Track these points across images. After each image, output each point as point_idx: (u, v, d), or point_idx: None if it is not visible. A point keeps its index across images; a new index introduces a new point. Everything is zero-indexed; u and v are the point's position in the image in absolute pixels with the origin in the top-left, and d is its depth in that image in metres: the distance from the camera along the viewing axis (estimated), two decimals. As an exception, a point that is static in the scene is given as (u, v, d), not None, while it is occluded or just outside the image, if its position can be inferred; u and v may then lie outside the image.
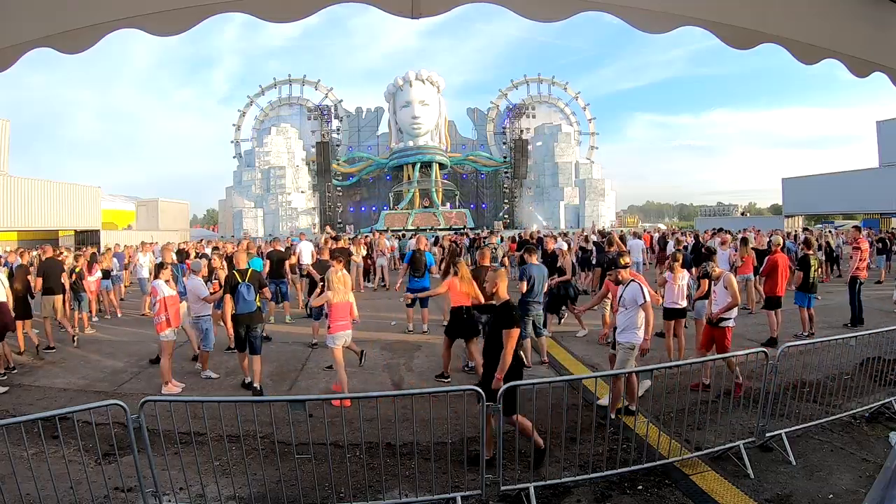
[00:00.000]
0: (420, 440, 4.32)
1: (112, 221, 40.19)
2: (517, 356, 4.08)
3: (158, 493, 3.36)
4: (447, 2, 2.24)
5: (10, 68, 2.25)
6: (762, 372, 4.21)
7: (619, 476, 3.87)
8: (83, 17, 2.13)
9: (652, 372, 4.14)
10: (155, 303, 6.34)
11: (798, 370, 5.08)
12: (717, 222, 40.20)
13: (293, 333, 8.85)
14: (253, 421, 4.23)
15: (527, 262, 6.89)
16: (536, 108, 48.71)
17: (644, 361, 6.79)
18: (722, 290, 5.86)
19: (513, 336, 3.96)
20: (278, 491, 3.65)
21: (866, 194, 35.54)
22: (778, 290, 7.89)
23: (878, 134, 37.35)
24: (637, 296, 5.03)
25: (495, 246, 13.37)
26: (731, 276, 5.97)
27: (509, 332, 3.96)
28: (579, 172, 45.91)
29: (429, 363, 7.12)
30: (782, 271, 7.98)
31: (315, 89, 47.17)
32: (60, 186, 30.41)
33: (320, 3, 2.18)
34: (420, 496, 3.64)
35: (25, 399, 5.98)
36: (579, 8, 2.28)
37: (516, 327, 4.00)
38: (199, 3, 2.12)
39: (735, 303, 5.73)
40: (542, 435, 4.46)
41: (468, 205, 46.87)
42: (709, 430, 4.46)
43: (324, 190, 45.40)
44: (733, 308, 5.71)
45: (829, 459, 4.12)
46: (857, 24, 2.36)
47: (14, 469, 3.23)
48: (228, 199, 45.25)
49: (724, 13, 2.36)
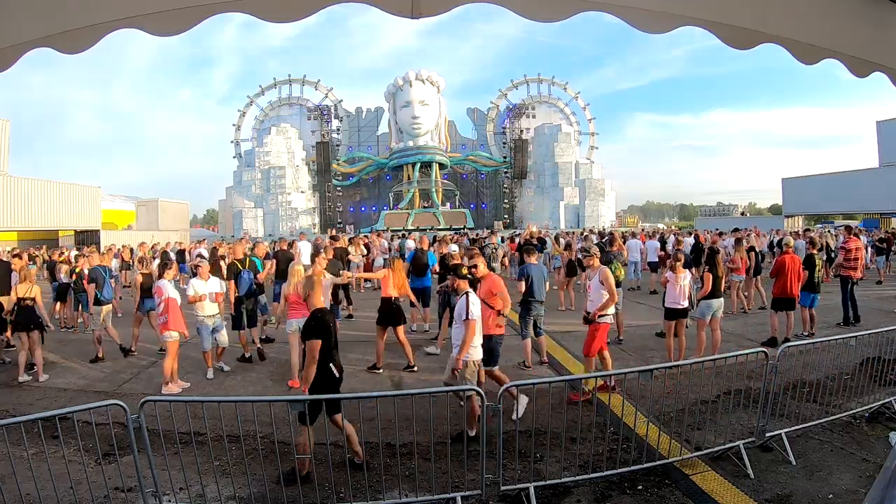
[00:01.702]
0: (420, 440, 4.32)
1: (112, 221, 40.21)
2: (325, 367, 3.83)
3: (158, 493, 3.36)
4: (447, 2, 2.25)
5: (10, 68, 2.25)
6: (762, 372, 4.21)
7: (619, 476, 3.87)
8: (83, 17, 2.13)
9: (652, 372, 4.12)
10: (160, 302, 6.34)
11: (798, 370, 5.08)
12: (717, 222, 40.25)
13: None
14: (253, 421, 4.23)
15: (526, 262, 6.90)
16: (536, 108, 48.78)
17: (644, 361, 6.82)
18: (597, 285, 5.68)
19: (312, 347, 3.74)
20: (278, 491, 3.65)
21: (866, 194, 35.58)
22: (790, 291, 7.61)
23: (878, 134, 37.42)
24: (462, 310, 4.60)
25: (496, 246, 13.34)
26: (607, 270, 5.77)
27: (309, 343, 3.76)
28: (579, 172, 45.94)
29: (429, 363, 7.12)
30: (791, 272, 7.65)
31: (315, 89, 47.23)
32: (60, 186, 30.44)
33: (320, 3, 2.18)
34: (420, 496, 3.64)
35: (25, 399, 5.98)
36: (579, 8, 2.29)
37: (315, 339, 3.75)
38: (199, 3, 2.13)
39: (613, 299, 5.60)
40: (541, 435, 4.47)
41: (468, 205, 46.90)
42: (709, 430, 4.46)
43: (324, 190, 45.43)
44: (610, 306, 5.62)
45: (829, 459, 4.12)
46: (857, 24, 2.36)
47: (14, 469, 3.22)
48: (228, 199, 45.29)
49: (724, 13, 2.36)
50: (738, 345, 7.38)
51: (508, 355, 7.15)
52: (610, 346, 7.66)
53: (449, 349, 5.22)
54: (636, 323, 9.09)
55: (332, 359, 3.88)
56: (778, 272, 7.84)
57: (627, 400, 4.23)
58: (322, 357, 3.78)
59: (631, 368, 5.55)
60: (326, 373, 3.84)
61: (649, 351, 7.44)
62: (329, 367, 3.84)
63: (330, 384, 3.89)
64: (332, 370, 3.85)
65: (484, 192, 50.34)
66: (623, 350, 7.56)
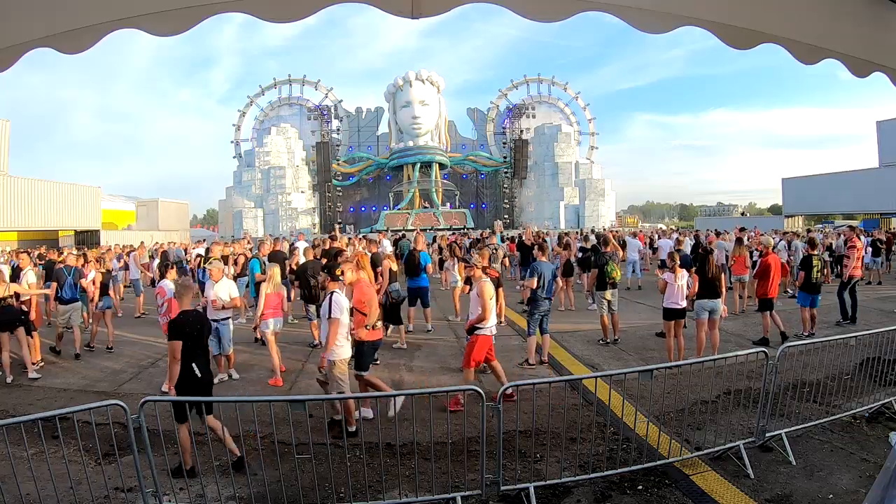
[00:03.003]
0: (420, 440, 4.32)
1: (112, 221, 40.24)
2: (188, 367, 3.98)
3: (158, 493, 3.36)
4: (447, 2, 2.25)
5: (10, 68, 2.25)
6: (762, 372, 4.21)
7: (619, 476, 3.87)
8: (83, 17, 2.13)
9: (652, 372, 4.12)
10: (163, 303, 6.33)
11: (798, 370, 5.08)
12: (717, 222, 40.25)
13: (294, 333, 8.85)
14: (253, 421, 4.23)
15: (537, 259, 6.94)
16: (536, 108, 48.79)
17: (645, 361, 6.82)
18: (475, 298, 5.47)
19: (173, 348, 3.91)
20: (278, 491, 3.65)
21: (866, 194, 35.57)
22: (770, 291, 7.79)
23: (878, 134, 37.40)
24: (325, 310, 4.70)
25: (496, 246, 13.34)
26: (484, 284, 5.41)
27: (170, 344, 3.94)
28: (579, 172, 45.94)
29: (429, 363, 7.13)
30: (775, 273, 7.87)
31: (315, 89, 47.23)
32: (60, 186, 30.45)
33: (320, 3, 2.18)
34: (420, 496, 3.64)
35: (25, 399, 5.98)
36: (579, 8, 2.29)
37: (176, 340, 3.93)
38: (199, 3, 2.13)
39: (483, 315, 5.28)
40: (541, 435, 4.47)
41: (468, 205, 46.88)
42: (709, 430, 4.46)
43: (324, 190, 45.41)
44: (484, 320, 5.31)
45: (829, 459, 4.12)
46: (857, 24, 2.36)
47: (14, 469, 3.22)
48: (228, 199, 45.26)
49: (724, 13, 2.36)
50: (738, 345, 7.39)
51: (509, 355, 7.16)
52: (606, 346, 7.71)
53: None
54: (636, 323, 9.09)
55: (195, 359, 4.03)
56: (762, 273, 7.95)
57: (627, 400, 4.23)
58: (184, 358, 3.95)
59: (631, 368, 5.57)
60: (189, 373, 3.99)
61: (649, 351, 7.44)
62: (192, 366, 4.00)
63: (194, 384, 4.01)
64: (194, 370, 4.00)
65: (484, 192, 50.33)
66: (623, 350, 7.56)
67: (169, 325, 4.16)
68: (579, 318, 9.83)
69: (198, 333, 4.09)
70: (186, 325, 4.02)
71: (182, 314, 4.12)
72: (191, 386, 4.00)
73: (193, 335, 4.03)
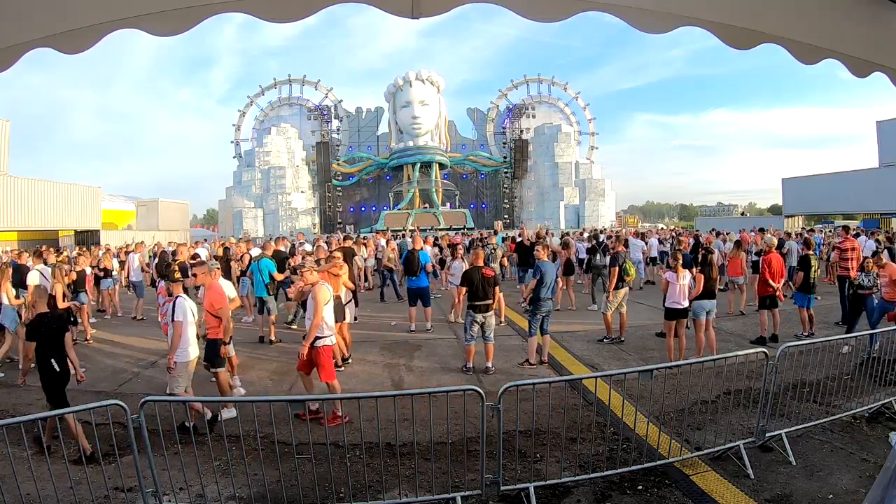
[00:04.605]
0: (420, 440, 4.32)
1: (112, 221, 40.19)
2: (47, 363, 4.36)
3: (158, 493, 3.36)
4: (447, 2, 2.25)
5: (10, 68, 2.25)
6: (762, 372, 4.21)
7: (619, 476, 3.87)
8: (83, 17, 2.13)
9: (652, 372, 4.12)
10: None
11: (798, 370, 5.08)
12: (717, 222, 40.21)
13: (294, 333, 8.85)
14: (253, 421, 4.23)
15: (539, 260, 6.94)
16: (536, 108, 48.75)
17: (645, 361, 6.82)
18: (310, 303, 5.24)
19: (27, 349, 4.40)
20: (278, 491, 3.65)
21: (866, 194, 35.49)
22: (770, 289, 7.76)
23: (878, 134, 37.31)
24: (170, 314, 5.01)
25: (494, 246, 13.33)
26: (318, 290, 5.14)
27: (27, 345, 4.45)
28: (579, 172, 45.92)
29: (429, 363, 7.13)
30: (776, 271, 7.87)
31: (315, 89, 47.20)
32: (60, 186, 30.41)
33: (320, 4, 2.18)
34: (420, 496, 3.64)
35: (25, 399, 5.97)
36: (579, 8, 2.29)
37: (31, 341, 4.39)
38: (199, 3, 2.13)
39: (316, 323, 5.02)
40: (541, 435, 4.47)
41: (468, 205, 46.86)
42: (709, 430, 4.46)
43: (324, 190, 45.39)
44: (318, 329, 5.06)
45: (829, 459, 4.12)
46: (857, 24, 2.36)
47: (14, 469, 3.22)
48: (228, 199, 45.25)
49: (724, 13, 2.36)
50: (738, 345, 7.39)
51: (508, 355, 7.17)
52: (611, 345, 7.71)
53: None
54: (636, 323, 9.09)
55: (54, 355, 4.42)
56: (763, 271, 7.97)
57: (627, 400, 4.23)
58: (41, 356, 4.38)
59: (631, 368, 5.56)
60: (48, 368, 4.38)
61: (649, 351, 7.44)
62: (51, 362, 4.39)
63: (53, 378, 4.41)
64: (53, 365, 4.40)
65: (484, 192, 50.31)
66: (623, 350, 7.56)
67: (26, 328, 4.59)
68: (579, 318, 9.84)
69: (53, 333, 4.47)
70: (42, 326, 4.45)
71: (38, 316, 4.53)
72: (53, 380, 4.43)
73: (49, 335, 4.44)
